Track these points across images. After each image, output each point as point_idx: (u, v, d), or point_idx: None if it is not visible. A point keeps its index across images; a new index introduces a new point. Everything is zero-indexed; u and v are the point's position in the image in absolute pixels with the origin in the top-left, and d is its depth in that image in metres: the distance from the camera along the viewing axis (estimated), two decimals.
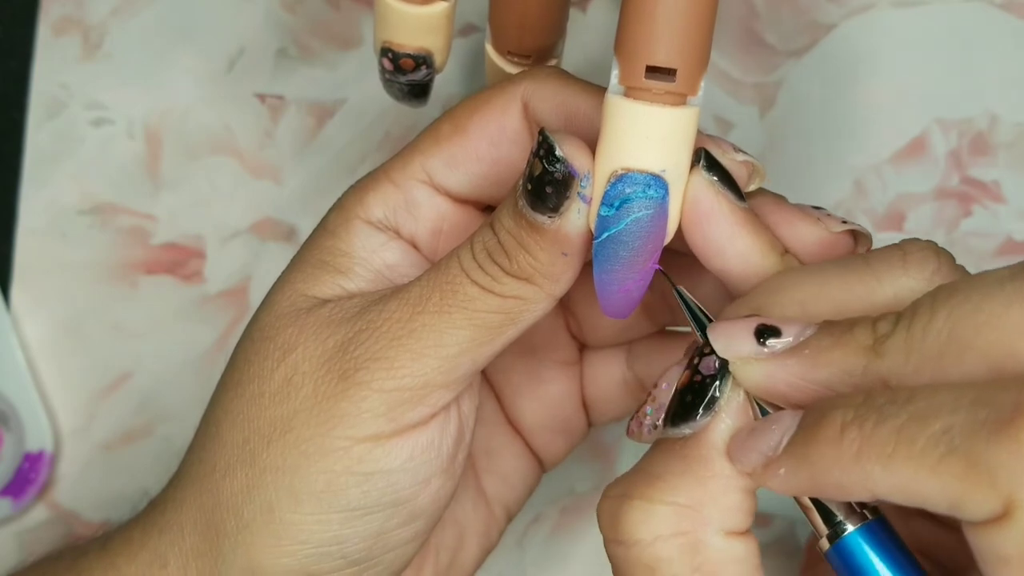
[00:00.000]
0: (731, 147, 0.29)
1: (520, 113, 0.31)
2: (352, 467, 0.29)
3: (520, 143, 0.31)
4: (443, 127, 0.32)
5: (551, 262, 0.28)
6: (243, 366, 0.31)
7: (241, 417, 0.30)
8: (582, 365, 0.37)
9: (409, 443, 0.30)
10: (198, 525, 0.31)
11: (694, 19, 0.26)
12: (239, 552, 0.30)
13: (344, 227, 0.32)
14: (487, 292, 0.29)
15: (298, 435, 0.29)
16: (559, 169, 0.27)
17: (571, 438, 0.37)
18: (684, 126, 0.27)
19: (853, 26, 0.45)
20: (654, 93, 0.26)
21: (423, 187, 0.32)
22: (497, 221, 0.29)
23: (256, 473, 0.30)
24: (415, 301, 0.29)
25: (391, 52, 0.34)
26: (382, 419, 0.29)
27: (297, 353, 0.30)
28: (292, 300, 0.31)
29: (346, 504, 0.29)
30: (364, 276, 0.31)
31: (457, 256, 0.29)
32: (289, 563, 0.30)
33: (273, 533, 0.29)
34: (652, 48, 0.26)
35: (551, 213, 0.27)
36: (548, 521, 0.44)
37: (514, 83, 0.31)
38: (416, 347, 0.29)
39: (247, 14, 0.46)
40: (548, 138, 0.27)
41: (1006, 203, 0.44)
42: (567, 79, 0.31)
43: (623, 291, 0.28)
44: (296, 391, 0.29)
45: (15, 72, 0.46)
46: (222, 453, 0.30)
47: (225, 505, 0.30)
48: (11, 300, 0.45)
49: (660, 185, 0.27)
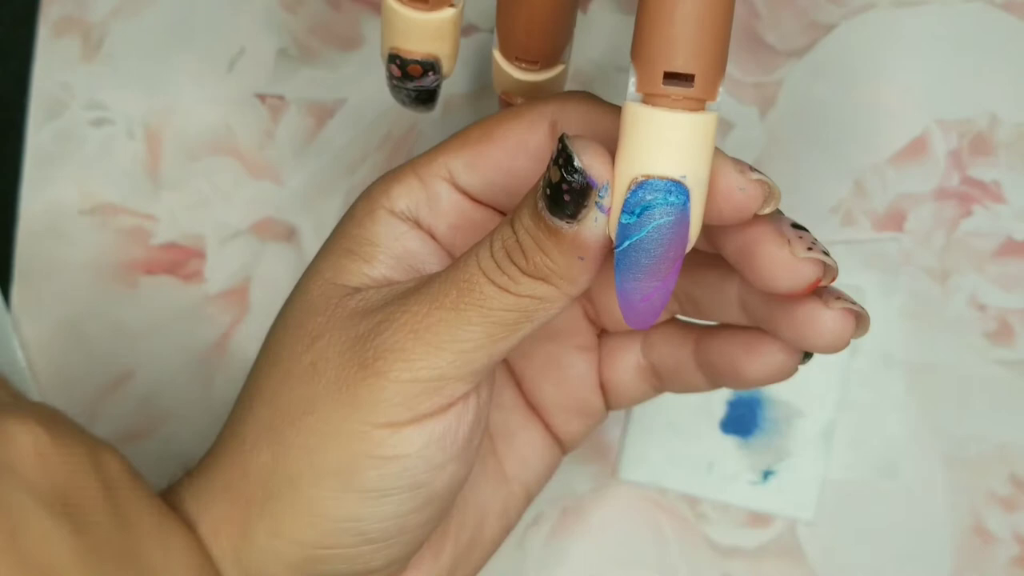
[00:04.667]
0: (748, 167, 0.29)
1: (546, 131, 0.32)
2: (370, 451, 0.30)
3: (540, 159, 0.32)
4: (472, 131, 0.33)
5: (568, 265, 0.29)
6: (276, 348, 0.33)
7: (270, 395, 0.32)
8: (600, 350, 0.37)
9: (426, 431, 0.30)
10: (229, 492, 0.32)
11: (711, 24, 0.26)
12: (265, 520, 0.32)
13: (370, 216, 0.33)
14: (503, 291, 0.29)
15: (319, 417, 0.31)
16: (577, 179, 0.27)
17: (590, 419, 0.38)
18: (703, 132, 0.27)
19: (853, 26, 0.45)
20: (673, 99, 0.26)
21: (444, 184, 0.33)
22: (517, 219, 0.29)
23: (282, 450, 0.31)
24: (433, 296, 0.30)
25: (399, 58, 0.34)
26: (399, 407, 0.30)
27: (324, 340, 0.31)
28: (322, 289, 0.32)
29: (363, 485, 0.30)
30: (386, 263, 0.32)
31: (476, 254, 0.30)
32: (310, 534, 0.31)
33: (295, 505, 0.31)
34: (670, 54, 0.26)
35: (569, 219, 0.28)
36: (548, 521, 0.44)
37: (546, 102, 0.32)
38: (433, 340, 0.30)
39: (247, 14, 0.46)
40: (568, 147, 0.27)
41: (1006, 203, 0.44)
42: (596, 102, 0.32)
43: (645, 300, 0.28)
44: (320, 375, 0.31)
45: (15, 72, 0.46)
46: (252, 428, 0.32)
47: (253, 477, 0.32)
48: (11, 300, 0.45)
49: (681, 191, 0.27)
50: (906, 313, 0.44)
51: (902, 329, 0.44)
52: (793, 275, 0.30)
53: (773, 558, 0.43)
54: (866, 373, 0.44)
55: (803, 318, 0.31)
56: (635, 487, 0.44)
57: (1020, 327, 0.44)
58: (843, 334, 0.31)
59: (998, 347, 0.44)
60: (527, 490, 0.37)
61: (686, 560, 0.43)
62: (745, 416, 0.44)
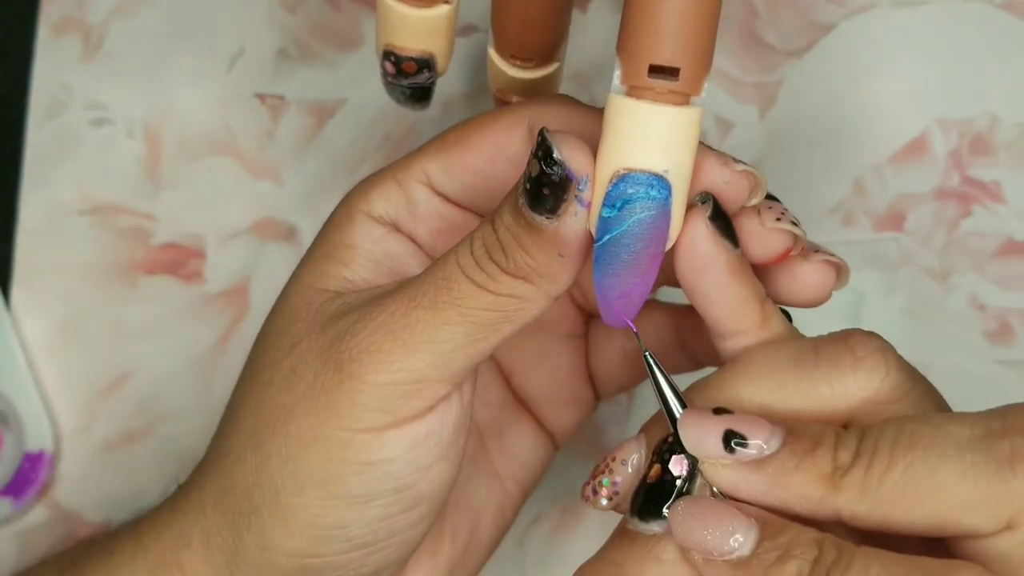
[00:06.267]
0: (731, 159, 0.29)
1: (524, 136, 0.32)
2: (351, 457, 0.30)
3: (518, 163, 0.31)
4: (449, 136, 0.33)
5: (548, 262, 0.28)
6: (260, 357, 0.32)
7: (252, 405, 0.31)
8: (587, 338, 0.37)
9: (408, 434, 0.30)
10: (218, 505, 0.32)
11: (698, 18, 0.26)
12: (252, 531, 0.31)
13: (349, 221, 0.32)
14: (482, 290, 0.29)
15: (298, 424, 0.30)
16: (556, 172, 0.27)
17: (580, 410, 0.38)
18: (687, 126, 0.27)
19: (853, 26, 0.45)
20: (657, 92, 0.26)
21: (422, 188, 0.33)
22: (498, 217, 0.29)
23: (263, 459, 0.31)
24: (411, 295, 0.29)
25: (393, 55, 0.34)
26: (377, 412, 0.29)
27: (303, 345, 0.31)
28: (303, 295, 0.32)
29: (347, 492, 0.30)
30: (365, 265, 0.32)
31: (455, 253, 0.29)
32: (298, 543, 0.31)
33: (280, 516, 0.30)
34: (655, 47, 0.26)
35: (549, 214, 0.28)
36: (548, 521, 0.44)
37: (524, 106, 0.32)
38: (409, 341, 0.29)
39: (247, 14, 0.46)
40: (547, 139, 0.27)
41: (1006, 203, 0.44)
42: (574, 105, 0.32)
43: (624, 296, 0.28)
44: (299, 381, 0.30)
45: (15, 72, 0.46)
46: (236, 438, 0.32)
47: (239, 488, 0.31)
48: (11, 300, 0.45)
49: (663, 186, 0.27)
50: (906, 313, 0.44)
51: (902, 329, 0.44)
52: (763, 245, 0.30)
53: None
54: None
55: (784, 273, 0.31)
56: None
57: (1020, 327, 0.44)
58: (824, 285, 0.31)
59: (998, 347, 0.44)
60: (521, 487, 0.37)
61: None
62: None
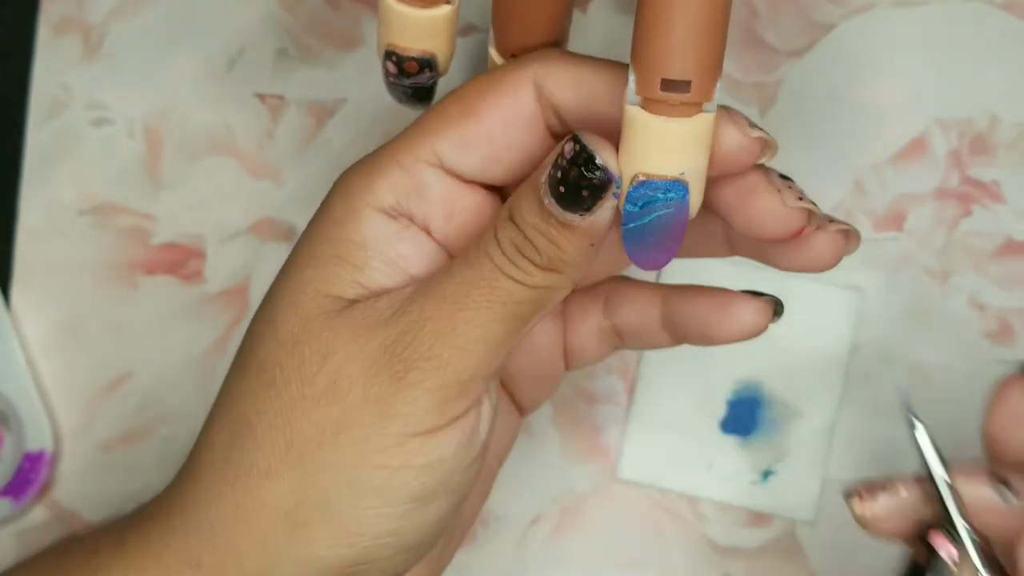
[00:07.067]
0: (747, 123, 0.30)
1: (532, 96, 0.31)
2: (408, 461, 0.30)
3: (534, 127, 0.31)
4: (451, 109, 0.32)
5: (580, 252, 0.30)
6: (274, 369, 0.31)
7: (280, 420, 0.31)
8: (564, 315, 0.38)
9: (457, 432, 0.31)
10: (237, 524, 0.31)
11: (708, 33, 0.27)
12: (294, 547, 0.31)
13: (354, 217, 0.31)
14: (521, 285, 0.30)
15: (352, 435, 0.30)
16: (598, 176, 0.28)
17: (552, 383, 0.38)
18: (700, 133, 0.28)
19: (853, 26, 0.45)
20: (670, 105, 0.28)
21: (433, 170, 0.32)
22: (519, 216, 0.30)
23: (308, 473, 0.30)
24: (453, 299, 0.30)
25: (395, 55, 0.34)
26: (434, 415, 0.30)
27: (338, 357, 0.30)
28: (317, 302, 0.31)
29: (408, 496, 0.31)
30: (381, 270, 0.31)
31: (487, 253, 0.30)
32: (347, 552, 0.31)
33: (331, 529, 0.31)
34: (667, 63, 0.28)
35: (583, 212, 0.29)
36: (548, 521, 0.44)
37: (523, 65, 0.31)
38: (460, 343, 0.30)
39: (247, 14, 0.46)
40: (587, 147, 0.28)
41: (1006, 203, 0.44)
42: (578, 60, 0.31)
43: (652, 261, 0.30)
44: (345, 394, 0.30)
45: (15, 72, 0.46)
46: (262, 455, 0.31)
47: (272, 505, 0.31)
48: (11, 300, 0.45)
49: (680, 188, 0.28)
50: (906, 313, 0.44)
51: (902, 329, 0.44)
52: (785, 223, 0.31)
53: (773, 558, 0.43)
54: (866, 373, 0.44)
55: (800, 244, 0.32)
56: (635, 487, 0.44)
57: (1020, 327, 0.44)
58: (838, 253, 0.32)
59: (998, 347, 0.44)
60: (499, 459, 0.38)
61: (686, 560, 0.43)
62: (745, 416, 0.44)
